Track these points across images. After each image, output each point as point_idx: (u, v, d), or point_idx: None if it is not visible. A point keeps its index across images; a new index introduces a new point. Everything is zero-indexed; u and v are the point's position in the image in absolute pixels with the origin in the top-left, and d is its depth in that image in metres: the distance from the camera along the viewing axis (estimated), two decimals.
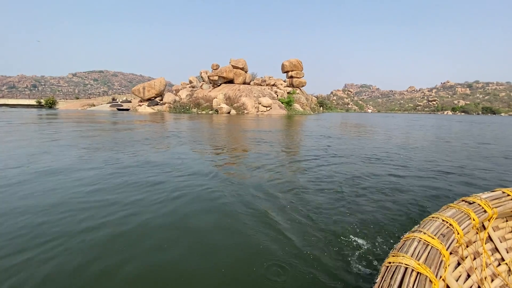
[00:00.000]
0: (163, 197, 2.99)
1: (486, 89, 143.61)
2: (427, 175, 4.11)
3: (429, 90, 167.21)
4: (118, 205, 2.69)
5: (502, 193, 0.93)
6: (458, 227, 0.76)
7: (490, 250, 0.96)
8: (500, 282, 0.87)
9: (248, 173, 4.06)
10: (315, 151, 6.28)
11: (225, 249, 1.97)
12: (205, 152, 5.85)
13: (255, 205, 2.82)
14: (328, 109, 74.16)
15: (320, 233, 2.23)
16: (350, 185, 3.56)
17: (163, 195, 3.05)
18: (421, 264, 0.59)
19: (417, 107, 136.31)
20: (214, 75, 39.74)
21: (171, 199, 2.93)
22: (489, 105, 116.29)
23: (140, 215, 2.48)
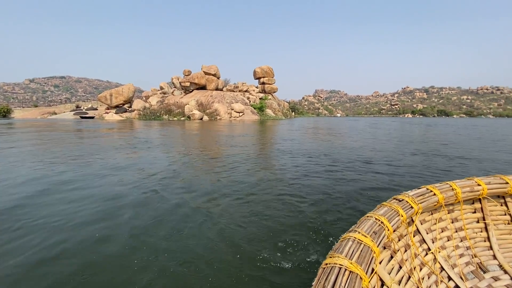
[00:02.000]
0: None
1: (440, 93, 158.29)
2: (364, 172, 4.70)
3: (391, 94, 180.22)
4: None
5: (426, 189, 1.08)
6: (388, 224, 0.83)
7: (419, 242, 1.07)
8: (427, 270, 1.00)
9: (204, 177, 4.30)
10: (276, 152, 6.72)
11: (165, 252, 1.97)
12: (171, 157, 6.00)
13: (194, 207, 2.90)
14: (300, 114, 76.54)
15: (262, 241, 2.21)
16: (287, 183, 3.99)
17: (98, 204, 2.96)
18: (353, 263, 0.62)
19: (381, 111, 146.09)
20: (186, 81, 39.40)
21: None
22: (443, 108, 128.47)
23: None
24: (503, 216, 1.22)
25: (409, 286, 0.88)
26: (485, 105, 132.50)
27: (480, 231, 1.20)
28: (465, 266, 1.09)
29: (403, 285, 0.87)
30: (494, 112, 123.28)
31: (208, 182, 3.90)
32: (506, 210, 1.22)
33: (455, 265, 1.07)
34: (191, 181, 3.99)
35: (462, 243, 1.14)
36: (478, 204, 1.20)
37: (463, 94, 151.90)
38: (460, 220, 1.16)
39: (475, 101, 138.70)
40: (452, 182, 1.11)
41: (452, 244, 1.12)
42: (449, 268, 1.03)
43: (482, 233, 1.20)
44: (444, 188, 1.06)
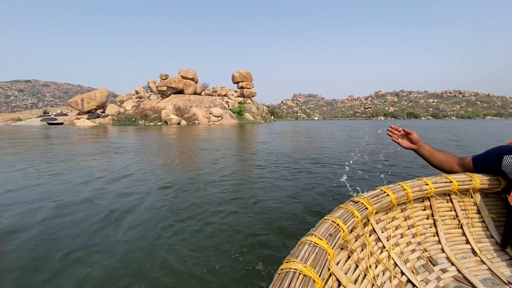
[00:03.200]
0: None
1: (409, 97, 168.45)
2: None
3: (365, 98, 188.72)
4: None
5: (380, 191, 1.11)
6: (343, 225, 0.85)
7: (374, 241, 1.11)
8: (382, 267, 1.04)
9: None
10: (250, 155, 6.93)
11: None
12: (137, 161, 5.98)
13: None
14: (279, 118, 77.66)
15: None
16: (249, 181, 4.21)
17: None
18: (307, 266, 0.63)
19: (356, 114, 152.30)
20: (163, 85, 38.70)
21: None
22: (412, 110, 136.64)
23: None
24: (449, 212, 1.31)
25: (365, 283, 0.92)
26: (449, 108, 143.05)
27: (430, 226, 1.27)
28: (417, 261, 1.15)
29: (359, 284, 0.90)
30: (457, 114, 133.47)
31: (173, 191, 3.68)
32: (451, 206, 1.31)
33: (407, 260, 1.12)
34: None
35: (413, 239, 1.21)
36: (427, 202, 1.28)
37: (430, 98, 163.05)
38: (411, 218, 1.23)
39: (440, 104, 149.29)
40: (404, 182, 1.17)
41: (404, 241, 1.17)
42: (402, 264, 1.08)
43: (431, 228, 1.27)
44: (396, 188, 1.12)
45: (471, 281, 1.07)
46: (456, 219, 1.30)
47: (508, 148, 1.22)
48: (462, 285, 1.06)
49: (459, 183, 1.24)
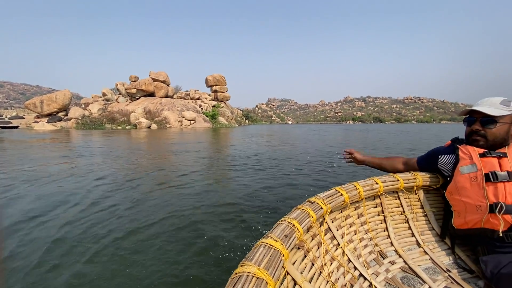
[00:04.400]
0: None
1: (375, 102, 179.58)
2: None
3: (335, 103, 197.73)
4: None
5: (335, 191, 1.18)
6: (299, 226, 0.87)
7: (330, 239, 1.15)
8: (337, 264, 1.10)
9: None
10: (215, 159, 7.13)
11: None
12: (96, 170, 5.90)
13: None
14: (254, 122, 78.33)
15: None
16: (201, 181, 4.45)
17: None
18: (261, 269, 0.63)
19: (327, 118, 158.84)
20: (132, 87, 37.30)
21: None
22: (378, 115, 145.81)
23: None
24: (396, 208, 1.41)
25: (320, 281, 0.95)
26: (410, 113, 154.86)
27: (381, 222, 1.35)
28: (369, 255, 1.21)
29: (314, 281, 0.94)
30: (417, 119, 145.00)
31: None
32: (399, 203, 1.42)
33: (360, 255, 1.17)
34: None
35: (366, 235, 1.27)
36: (378, 200, 1.37)
37: (393, 103, 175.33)
38: (364, 215, 1.30)
39: (402, 109, 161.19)
40: (356, 182, 1.25)
41: (358, 237, 1.23)
42: (355, 259, 1.13)
43: (382, 224, 1.35)
44: (349, 188, 1.20)
45: (415, 270, 1.15)
46: (403, 215, 1.40)
47: (442, 149, 1.37)
48: (407, 275, 1.14)
49: (404, 181, 1.34)
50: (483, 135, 1.17)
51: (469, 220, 1.14)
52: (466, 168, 1.16)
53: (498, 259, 1.03)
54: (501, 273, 0.98)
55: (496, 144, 1.15)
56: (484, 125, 1.16)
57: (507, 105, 1.14)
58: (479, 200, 1.09)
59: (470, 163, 1.16)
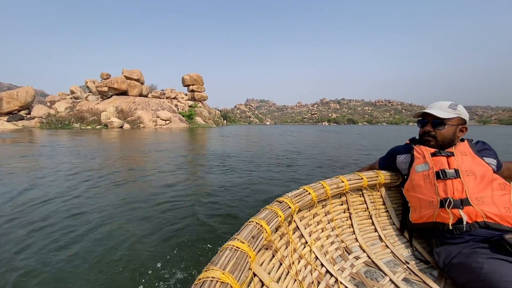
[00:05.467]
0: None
1: (349, 105, 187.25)
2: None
3: (312, 105, 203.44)
4: None
5: (303, 190, 1.19)
6: (266, 226, 0.87)
7: (298, 237, 1.13)
8: (305, 262, 1.11)
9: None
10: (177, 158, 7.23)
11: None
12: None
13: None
14: (232, 122, 78.08)
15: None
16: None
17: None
18: (226, 273, 0.61)
19: (304, 119, 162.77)
20: (104, 85, 35.66)
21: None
22: (351, 117, 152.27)
23: None
24: (361, 205, 1.46)
25: (288, 280, 0.94)
26: (381, 115, 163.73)
27: (346, 219, 1.39)
28: (335, 252, 1.24)
29: (282, 281, 0.92)
30: (387, 120, 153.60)
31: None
32: (363, 200, 1.47)
33: (327, 252, 1.19)
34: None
35: (333, 232, 1.30)
36: (344, 198, 1.41)
37: (366, 106, 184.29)
38: (331, 213, 1.32)
39: (374, 111, 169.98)
40: (323, 181, 1.27)
41: (325, 235, 1.25)
42: (322, 256, 1.14)
43: (347, 221, 1.39)
44: (317, 187, 1.21)
45: (378, 264, 1.19)
46: (367, 211, 1.46)
47: (400, 149, 1.45)
48: (370, 268, 1.18)
49: (368, 180, 1.41)
50: (434, 136, 1.26)
51: (424, 214, 1.21)
52: (420, 167, 1.25)
53: (449, 249, 1.11)
54: (452, 263, 1.05)
55: (445, 144, 1.25)
56: (434, 127, 1.25)
57: (454, 108, 1.24)
58: (431, 196, 1.17)
59: (423, 162, 1.24)
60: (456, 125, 1.23)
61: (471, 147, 1.23)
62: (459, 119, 1.24)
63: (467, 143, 1.26)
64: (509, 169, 1.35)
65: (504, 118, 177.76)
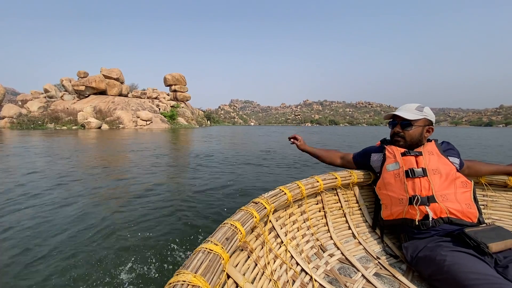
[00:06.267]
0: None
1: (331, 106, 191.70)
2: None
3: (295, 106, 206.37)
4: None
5: (279, 190, 1.20)
6: (241, 227, 0.87)
7: (274, 237, 1.13)
8: (280, 261, 1.11)
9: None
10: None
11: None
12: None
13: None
14: (216, 123, 77.62)
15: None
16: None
17: None
18: (197, 276, 0.61)
19: (287, 120, 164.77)
20: (81, 84, 34.32)
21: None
22: (333, 118, 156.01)
23: None
24: (335, 204, 1.49)
25: (263, 280, 0.94)
26: (361, 116, 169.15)
27: (321, 218, 1.42)
28: (310, 250, 1.25)
29: (257, 282, 0.92)
30: (367, 122, 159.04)
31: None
32: (337, 199, 1.50)
33: (302, 251, 1.20)
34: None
35: (308, 231, 1.32)
36: (319, 197, 1.43)
37: (347, 107, 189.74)
38: (306, 212, 1.34)
39: (354, 113, 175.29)
40: (299, 181, 1.28)
41: (300, 234, 1.26)
42: (297, 255, 1.16)
43: (322, 220, 1.41)
44: (292, 187, 1.22)
45: (351, 260, 1.22)
46: (341, 210, 1.49)
47: (373, 148, 1.50)
48: (344, 265, 1.21)
49: (342, 179, 1.44)
50: (403, 136, 1.32)
51: (394, 211, 1.26)
52: (391, 166, 1.30)
53: (416, 244, 1.16)
54: (418, 257, 1.10)
55: (413, 144, 1.30)
56: (403, 128, 1.31)
57: (421, 110, 1.30)
58: (401, 194, 1.22)
59: (394, 161, 1.29)
60: (423, 126, 1.29)
61: (437, 147, 1.29)
62: (426, 120, 1.30)
63: (434, 143, 1.32)
64: (470, 167, 1.47)
65: (474, 119, 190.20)
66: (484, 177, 1.58)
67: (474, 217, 1.13)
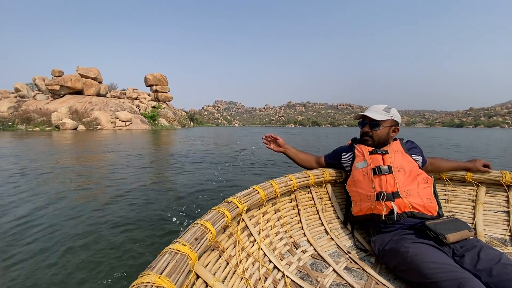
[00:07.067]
0: None
1: (314, 108, 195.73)
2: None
3: (279, 107, 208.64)
4: None
5: (252, 189, 1.17)
6: (211, 227, 0.85)
7: (247, 236, 1.13)
8: (252, 260, 1.07)
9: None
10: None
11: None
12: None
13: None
14: (199, 124, 76.60)
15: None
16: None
17: None
18: (162, 277, 0.60)
19: (271, 121, 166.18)
20: (55, 83, 32.87)
21: None
22: (316, 119, 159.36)
23: None
24: (309, 201, 1.52)
25: (234, 279, 0.95)
26: (342, 117, 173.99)
27: (295, 216, 1.44)
28: (283, 247, 1.27)
29: (228, 281, 0.92)
30: (348, 123, 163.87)
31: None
32: (311, 196, 1.53)
33: (275, 248, 1.22)
34: None
35: (282, 228, 1.33)
36: (293, 195, 1.46)
37: (329, 109, 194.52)
38: (280, 210, 1.36)
39: (336, 114, 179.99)
40: (273, 180, 1.30)
41: (274, 232, 1.28)
42: (270, 253, 1.17)
43: (296, 217, 1.44)
44: (266, 186, 1.24)
45: (322, 256, 1.25)
46: (314, 207, 1.52)
47: (344, 148, 1.54)
48: (316, 261, 1.23)
49: (315, 177, 1.48)
50: (371, 136, 1.37)
51: (363, 207, 1.31)
52: (360, 164, 1.35)
53: (382, 238, 1.21)
54: (385, 249, 1.16)
55: (381, 143, 1.36)
56: (371, 128, 1.36)
57: (388, 111, 1.36)
58: (369, 191, 1.27)
59: (363, 160, 1.34)
60: (390, 126, 1.35)
61: (402, 146, 1.37)
62: (392, 120, 1.36)
63: (399, 142, 1.39)
64: (432, 164, 1.57)
65: (446, 121, 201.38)
66: (445, 173, 1.67)
67: (434, 210, 1.21)
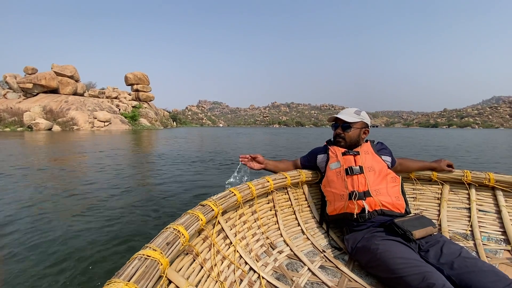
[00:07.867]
0: None
1: (298, 108, 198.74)
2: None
3: (264, 108, 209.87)
4: None
5: (229, 191, 1.16)
6: (184, 231, 0.83)
7: (223, 239, 1.12)
8: (228, 262, 1.06)
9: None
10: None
11: None
12: None
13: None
14: (183, 124, 75.53)
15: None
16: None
17: None
18: (130, 284, 0.58)
19: (256, 122, 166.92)
20: (28, 81, 31.38)
21: None
22: (299, 120, 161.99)
23: None
24: (285, 202, 1.53)
25: (209, 282, 0.93)
26: (325, 118, 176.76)
27: (272, 217, 1.44)
28: (260, 249, 1.26)
29: (201, 285, 0.90)
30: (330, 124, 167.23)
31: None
32: (288, 197, 1.54)
33: (251, 250, 1.21)
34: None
35: (259, 230, 1.33)
36: (270, 196, 1.46)
37: (312, 109, 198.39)
38: (257, 212, 1.36)
39: (319, 115, 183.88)
40: (249, 182, 1.30)
41: (250, 233, 1.27)
42: (246, 254, 1.16)
43: (273, 218, 1.44)
44: (243, 188, 1.23)
45: (298, 255, 1.26)
46: (291, 207, 1.54)
47: (319, 149, 1.57)
48: (292, 261, 1.24)
49: (291, 178, 1.49)
50: (343, 137, 1.42)
51: (337, 207, 1.34)
52: (333, 165, 1.39)
53: (355, 236, 1.24)
54: (357, 247, 1.19)
55: (352, 144, 1.42)
56: (344, 130, 1.42)
57: (358, 114, 1.42)
58: (342, 190, 1.31)
59: (336, 160, 1.38)
60: (360, 128, 1.41)
61: (372, 147, 1.42)
62: (362, 123, 1.42)
63: (370, 144, 1.45)
64: (401, 164, 1.64)
65: (423, 121, 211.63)
66: (413, 173, 1.74)
67: (402, 208, 1.27)
